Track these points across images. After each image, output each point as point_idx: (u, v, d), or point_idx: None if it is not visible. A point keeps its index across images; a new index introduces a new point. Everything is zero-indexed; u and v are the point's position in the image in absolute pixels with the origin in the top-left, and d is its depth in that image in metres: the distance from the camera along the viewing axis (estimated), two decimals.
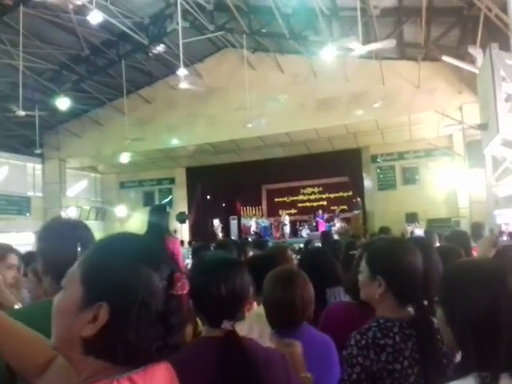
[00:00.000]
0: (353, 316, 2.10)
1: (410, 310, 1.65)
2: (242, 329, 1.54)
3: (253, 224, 19.87)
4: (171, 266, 0.89)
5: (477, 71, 8.71)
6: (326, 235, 7.01)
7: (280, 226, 19.44)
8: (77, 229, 1.61)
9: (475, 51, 9.14)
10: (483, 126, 7.42)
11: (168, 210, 4.69)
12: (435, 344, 1.56)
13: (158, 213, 4.42)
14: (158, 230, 4.32)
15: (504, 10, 7.45)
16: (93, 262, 0.85)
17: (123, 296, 0.81)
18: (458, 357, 1.40)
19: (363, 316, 1.73)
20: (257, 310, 2.26)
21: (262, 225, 19.32)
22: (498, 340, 1.10)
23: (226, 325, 1.38)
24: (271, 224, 19.75)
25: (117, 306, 0.80)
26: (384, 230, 5.63)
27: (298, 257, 7.67)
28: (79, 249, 1.46)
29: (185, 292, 0.88)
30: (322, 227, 17.78)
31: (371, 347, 1.53)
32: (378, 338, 1.54)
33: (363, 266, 1.73)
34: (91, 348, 0.81)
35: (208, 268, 1.49)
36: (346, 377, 1.55)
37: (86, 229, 1.65)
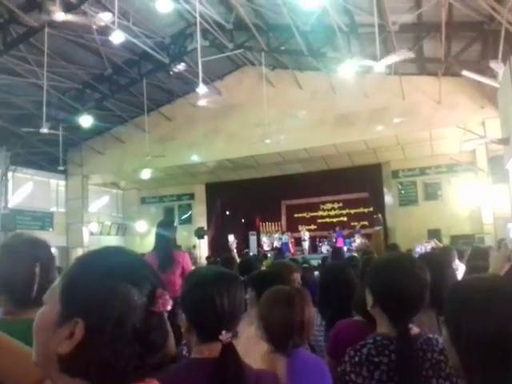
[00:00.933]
0: (361, 335, 2.05)
1: (413, 327, 1.60)
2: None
3: (266, 240, 19.77)
4: (154, 282, 0.85)
5: (498, 85, 8.59)
6: (338, 252, 6.88)
7: (297, 241, 19.35)
8: (36, 247, 1.57)
9: (496, 66, 9.05)
10: (505, 141, 7.29)
11: (175, 224, 4.76)
12: (414, 369, 1.50)
13: (166, 227, 4.50)
14: (166, 244, 4.41)
15: None
16: (71, 277, 0.84)
17: (98, 312, 0.78)
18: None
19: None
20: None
21: (284, 241, 19.24)
22: (507, 365, 1.03)
23: (225, 336, 1.33)
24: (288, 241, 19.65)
25: (92, 323, 0.78)
26: (392, 247, 5.60)
27: (316, 273, 7.62)
28: (37, 269, 1.42)
29: (167, 309, 0.85)
30: (341, 244, 17.62)
31: (365, 364, 1.50)
32: (372, 355, 1.51)
33: None
34: (66, 365, 0.79)
35: (207, 280, 1.45)
36: None
37: (46, 247, 1.60)
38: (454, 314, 1.14)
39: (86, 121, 13.43)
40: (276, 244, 19.27)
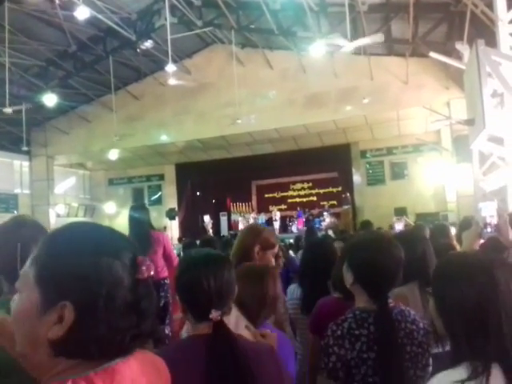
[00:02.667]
0: (340, 310, 2.14)
1: (390, 301, 1.71)
2: (230, 320, 1.55)
3: (240, 221, 19.88)
4: (132, 251, 0.84)
5: (464, 67, 8.79)
6: (310, 231, 7.07)
7: (269, 221, 19.53)
8: (22, 227, 1.56)
9: (462, 47, 9.24)
10: (470, 122, 7.50)
11: (147, 207, 4.79)
12: (392, 338, 1.60)
13: (139, 210, 4.52)
14: (141, 225, 4.41)
15: (490, 6, 7.53)
16: (46, 259, 0.79)
17: (86, 291, 0.76)
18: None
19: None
20: None
21: (260, 221, 19.36)
22: (487, 331, 1.15)
23: (215, 314, 1.38)
24: (268, 220, 19.81)
25: (81, 303, 0.75)
26: (365, 224, 5.68)
27: (290, 251, 7.77)
28: (18, 249, 1.41)
29: (151, 274, 0.85)
30: (300, 224, 18.16)
31: (346, 337, 1.60)
32: (353, 328, 1.61)
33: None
34: (61, 349, 0.77)
35: (197, 262, 1.50)
36: (323, 365, 1.61)
37: (34, 227, 1.58)
38: (439, 289, 1.28)
39: (50, 99, 12.95)
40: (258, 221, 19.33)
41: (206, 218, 18.43)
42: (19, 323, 0.80)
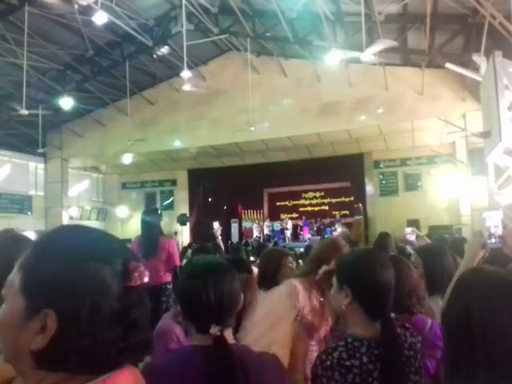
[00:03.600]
0: None
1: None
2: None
3: (255, 228, 19.87)
4: (124, 255, 0.78)
5: (480, 79, 8.69)
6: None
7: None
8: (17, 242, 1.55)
9: (479, 59, 9.13)
10: (486, 134, 7.39)
11: (160, 212, 4.84)
12: (400, 365, 1.51)
13: (151, 214, 4.58)
14: (151, 231, 4.46)
15: (508, 18, 7.44)
16: (30, 265, 0.76)
17: (69, 299, 0.71)
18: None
19: None
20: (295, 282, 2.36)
21: (276, 228, 19.31)
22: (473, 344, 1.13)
23: (214, 330, 1.34)
24: (282, 229, 19.82)
25: (64, 311, 0.71)
26: (383, 235, 5.51)
27: (300, 261, 7.70)
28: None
29: (144, 281, 0.79)
30: (305, 233, 18.18)
31: (336, 368, 1.48)
32: (343, 358, 1.49)
33: (334, 277, 1.71)
34: (44, 361, 0.72)
35: (196, 272, 1.45)
36: None
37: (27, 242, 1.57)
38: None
39: (66, 103, 13.12)
40: (266, 232, 19.33)
41: (215, 225, 18.30)
42: (4, 332, 0.76)
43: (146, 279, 0.79)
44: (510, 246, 2.07)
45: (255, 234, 19.67)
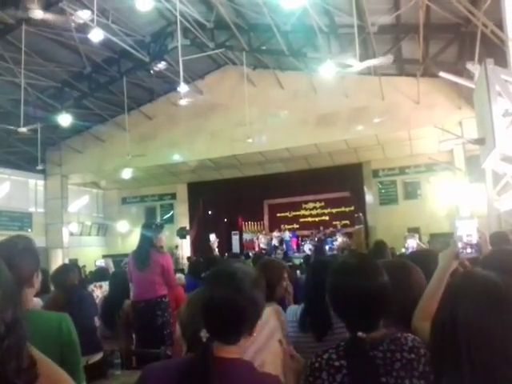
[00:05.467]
0: None
1: (377, 332, 1.55)
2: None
3: (260, 239, 19.76)
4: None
5: (474, 86, 8.75)
6: (319, 251, 7.00)
7: (280, 241, 19.49)
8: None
9: (473, 67, 9.20)
10: (480, 141, 7.42)
11: (160, 225, 4.87)
12: (368, 374, 1.46)
13: (146, 228, 4.67)
14: (143, 242, 4.53)
15: (500, 26, 7.50)
16: None
17: None
18: None
19: None
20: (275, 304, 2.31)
21: (286, 239, 19.23)
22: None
23: (203, 334, 1.33)
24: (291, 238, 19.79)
25: None
26: (379, 243, 5.46)
27: (298, 271, 7.71)
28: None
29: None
30: (294, 244, 18.45)
31: (324, 369, 1.48)
32: (332, 359, 1.49)
33: None
34: None
35: (216, 277, 1.46)
36: None
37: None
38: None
39: (64, 120, 13.21)
40: (274, 242, 19.25)
41: (212, 237, 18.20)
42: None
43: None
44: (484, 254, 2.02)
45: (261, 245, 19.54)
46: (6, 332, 0.78)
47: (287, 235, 19.58)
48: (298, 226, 21.88)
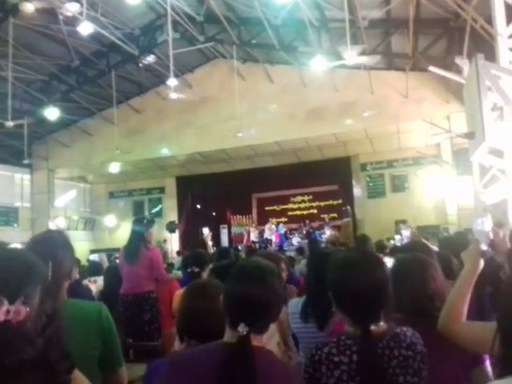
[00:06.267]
0: None
1: (382, 324, 1.55)
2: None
3: (251, 233, 19.76)
4: None
5: (463, 81, 8.87)
6: (313, 242, 7.10)
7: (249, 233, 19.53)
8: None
9: (462, 62, 9.34)
10: (470, 135, 7.55)
11: (151, 220, 4.93)
12: (376, 369, 1.47)
13: (136, 223, 4.73)
14: (133, 236, 4.58)
15: (489, 21, 7.62)
16: None
17: None
18: None
19: None
20: None
21: (281, 231, 19.24)
22: None
23: (242, 328, 1.37)
24: (286, 232, 19.79)
25: None
26: (362, 238, 5.57)
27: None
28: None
29: (8, 319, 0.80)
30: (277, 238, 18.49)
31: (324, 363, 1.49)
32: (332, 354, 1.50)
33: None
34: None
35: (236, 274, 1.51)
36: None
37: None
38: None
39: (52, 113, 13.01)
40: (266, 236, 19.27)
41: (205, 231, 18.10)
42: None
43: (9, 317, 0.83)
44: (502, 253, 2.00)
45: (252, 237, 19.53)
46: (47, 322, 0.91)
47: (281, 228, 19.63)
48: (286, 220, 22.02)
